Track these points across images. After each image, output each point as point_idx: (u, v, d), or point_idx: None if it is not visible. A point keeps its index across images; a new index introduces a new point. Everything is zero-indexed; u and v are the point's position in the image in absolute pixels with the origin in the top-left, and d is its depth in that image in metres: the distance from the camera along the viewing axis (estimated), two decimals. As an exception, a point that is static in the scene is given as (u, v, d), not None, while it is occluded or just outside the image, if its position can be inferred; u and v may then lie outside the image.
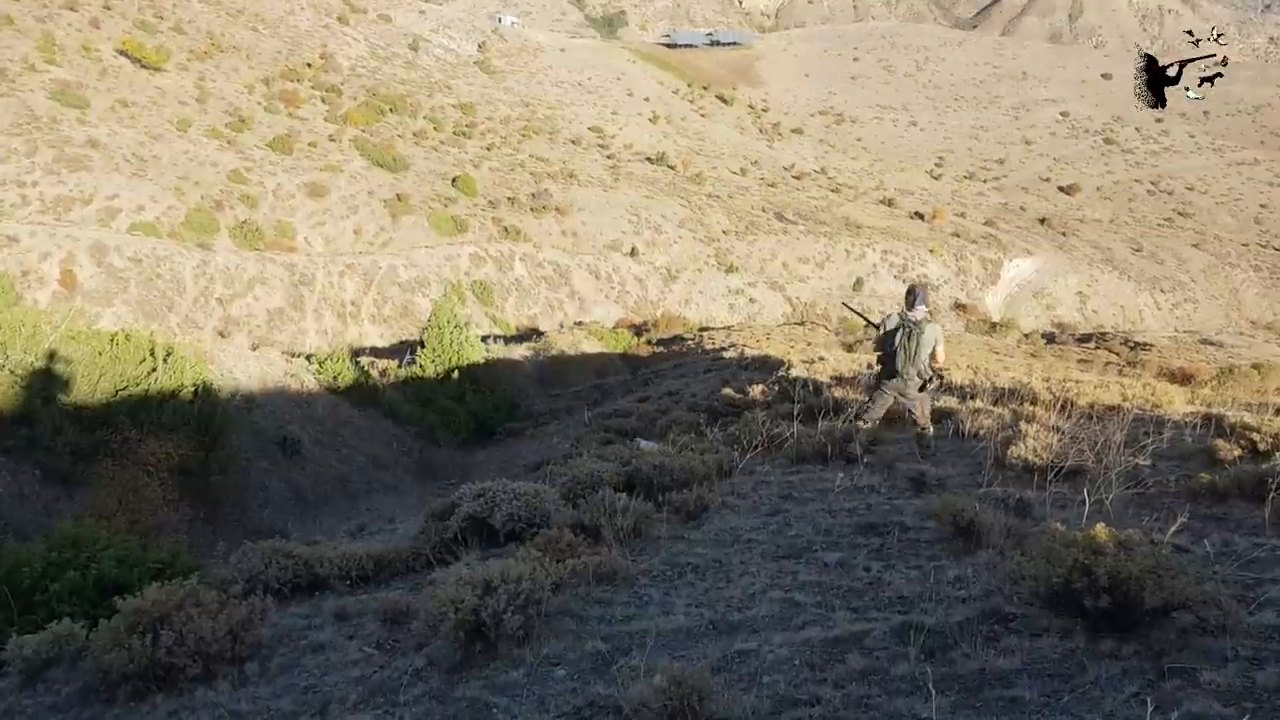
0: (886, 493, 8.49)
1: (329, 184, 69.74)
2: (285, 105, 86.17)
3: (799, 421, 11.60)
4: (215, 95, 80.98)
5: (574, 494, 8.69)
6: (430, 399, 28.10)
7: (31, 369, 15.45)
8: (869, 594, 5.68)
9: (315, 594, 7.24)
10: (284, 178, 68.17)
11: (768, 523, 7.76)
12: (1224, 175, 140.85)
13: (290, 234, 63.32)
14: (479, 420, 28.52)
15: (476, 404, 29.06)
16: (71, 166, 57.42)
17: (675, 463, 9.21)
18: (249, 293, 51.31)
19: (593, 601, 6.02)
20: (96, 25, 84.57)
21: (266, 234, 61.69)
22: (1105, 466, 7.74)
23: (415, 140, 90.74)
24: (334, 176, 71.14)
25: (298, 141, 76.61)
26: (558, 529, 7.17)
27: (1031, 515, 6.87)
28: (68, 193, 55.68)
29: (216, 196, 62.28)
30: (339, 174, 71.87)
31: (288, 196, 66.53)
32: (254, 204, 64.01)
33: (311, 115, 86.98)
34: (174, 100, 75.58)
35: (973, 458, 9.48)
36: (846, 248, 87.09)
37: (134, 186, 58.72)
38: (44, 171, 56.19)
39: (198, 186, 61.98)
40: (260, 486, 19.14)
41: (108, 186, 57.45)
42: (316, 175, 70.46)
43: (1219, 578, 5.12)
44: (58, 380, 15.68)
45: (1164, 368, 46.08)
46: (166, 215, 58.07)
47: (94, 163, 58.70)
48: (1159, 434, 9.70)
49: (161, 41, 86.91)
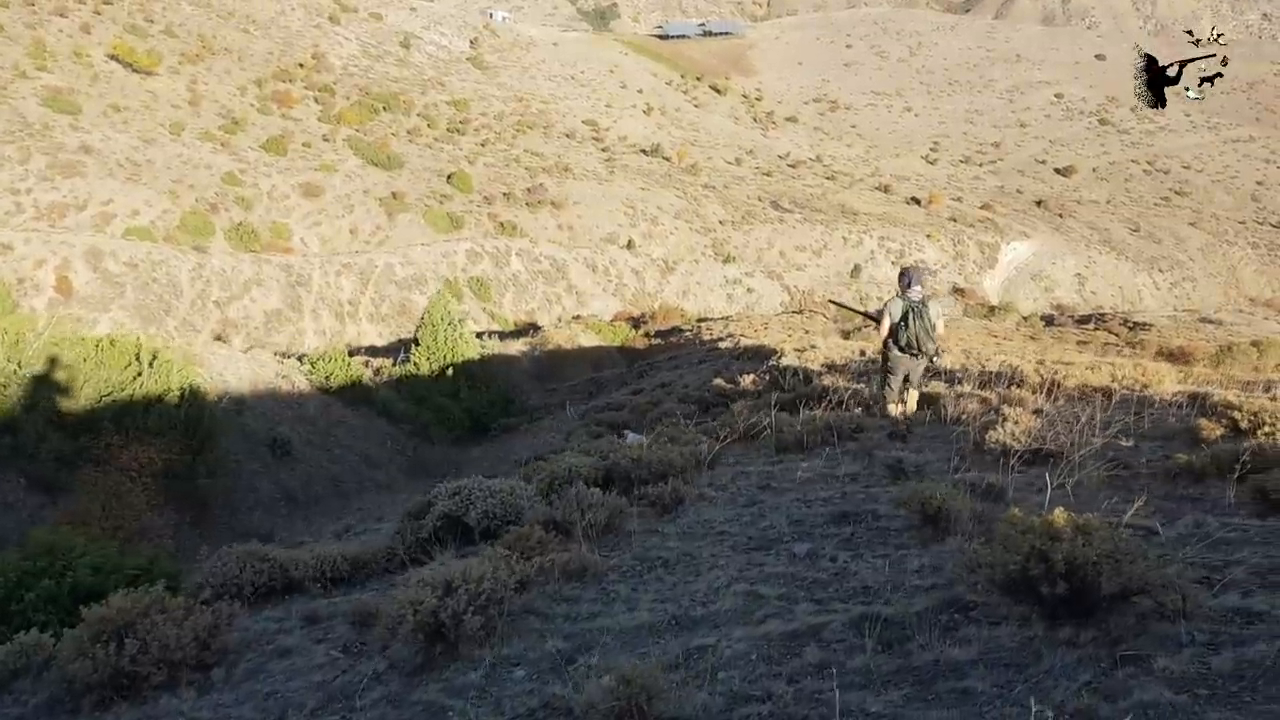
0: (864, 480, 8.41)
1: (324, 184, 69.69)
2: (278, 106, 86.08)
3: (786, 411, 11.62)
4: (208, 98, 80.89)
5: (550, 490, 8.61)
6: (425, 397, 28.02)
7: (14, 376, 15.40)
8: (833, 585, 5.61)
9: (288, 597, 7.17)
10: (278, 179, 68.10)
11: (742, 514, 7.69)
12: (1220, 153, 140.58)
13: (286, 235, 63.30)
14: (473, 417, 28.47)
15: (471, 401, 28.98)
16: (65, 173, 57.39)
17: (653, 456, 9.12)
18: (246, 294, 51.23)
19: (559, 599, 5.96)
20: (87, 30, 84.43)
21: (262, 235, 61.68)
22: (1082, 449, 7.67)
23: (409, 138, 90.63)
24: (329, 176, 71.07)
25: (291, 142, 76.55)
26: (529, 526, 7.08)
27: (1005, 500, 6.77)
28: (62, 199, 55.69)
29: (211, 199, 62.24)
30: (334, 174, 71.80)
31: (282, 197, 66.49)
32: (249, 206, 63.97)
33: (305, 115, 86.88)
34: (166, 104, 75.55)
35: (953, 443, 9.40)
36: (844, 235, 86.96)
37: (128, 191, 58.69)
38: (38, 178, 56.18)
39: (192, 190, 61.93)
40: (250, 488, 19.12)
41: (102, 192, 57.43)
42: (311, 175, 70.41)
43: (1184, 560, 5.03)
44: (42, 387, 15.63)
45: (1163, 347, 45.98)
46: (161, 219, 58.05)
47: (88, 168, 58.66)
48: (1143, 414, 9.64)
49: (153, 45, 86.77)
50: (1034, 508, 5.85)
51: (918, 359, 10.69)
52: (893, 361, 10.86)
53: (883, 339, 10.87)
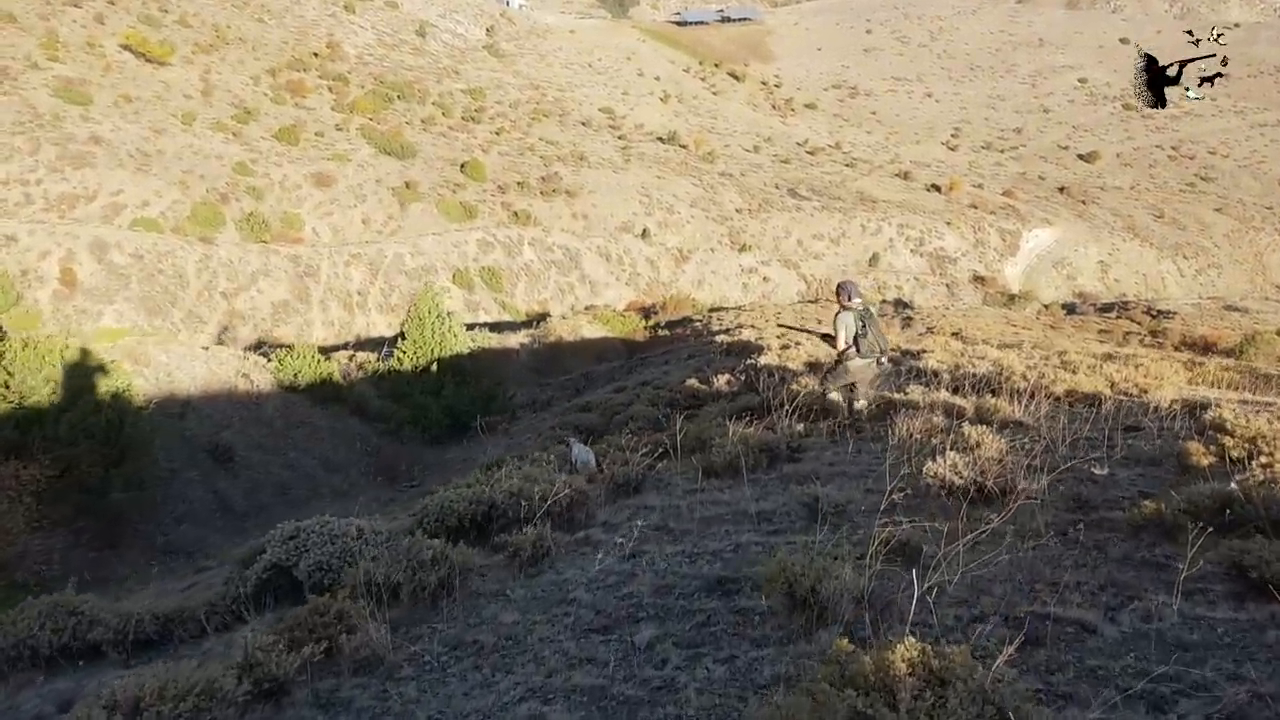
0: (774, 523, 7.43)
1: (336, 173, 69.27)
2: (291, 95, 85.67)
3: (746, 418, 10.85)
4: (220, 88, 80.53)
5: (426, 528, 7.73)
6: (405, 393, 26.92)
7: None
8: (641, 712, 4.70)
9: (82, 665, 6.23)
10: (290, 168, 67.71)
11: (611, 573, 6.74)
12: (1246, 138, 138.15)
13: (298, 225, 62.89)
14: (453, 415, 27.13)
15: (453, 398, 27.57)
16: (75, 164, 57.12)
17: (536, 489, 7.97)
18: (253, 286, 50.89)
19: (320, 706, 5.02)
20: (101, 21, 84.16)
21: (273, 225, 61.27)
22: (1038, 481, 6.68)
23: (423, 127, 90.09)
24: (341, 166, 70.64)
25: (304, 131, 76.11)
26: (338, 594, 5.98)
27: (919, 563, 5.65)
28: (71, 190, 55.39)
29: (222, 189, 61.87)
30: (346, 163, 71.37)
31: (294, 187, 66.09)
32: (260, 196, 63.58)
33: (318, 105, 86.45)
34: (179, 94, 75.18)
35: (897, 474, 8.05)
36: (862, 223, 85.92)
37: (138, 182, 58.37)
38: (47, 169, 55.91)
39: (203, 180, 61.58)
40: (181, 499, 18.17)
41: (111, 183, 57.13)
42: (323, 165, 69.99)
43: (1118, 679, 4.02)
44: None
45: (1186, 336, 44.94)
46: (171, 210, 57.69)
47: (98, 159, 58.37)
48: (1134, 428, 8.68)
49: (166, 35, 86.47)
50: (910, 600, 4.71)
51: (879, 364, 10.90)
52: (851, 371, 11.06)
53: (842, 351, 11.04)
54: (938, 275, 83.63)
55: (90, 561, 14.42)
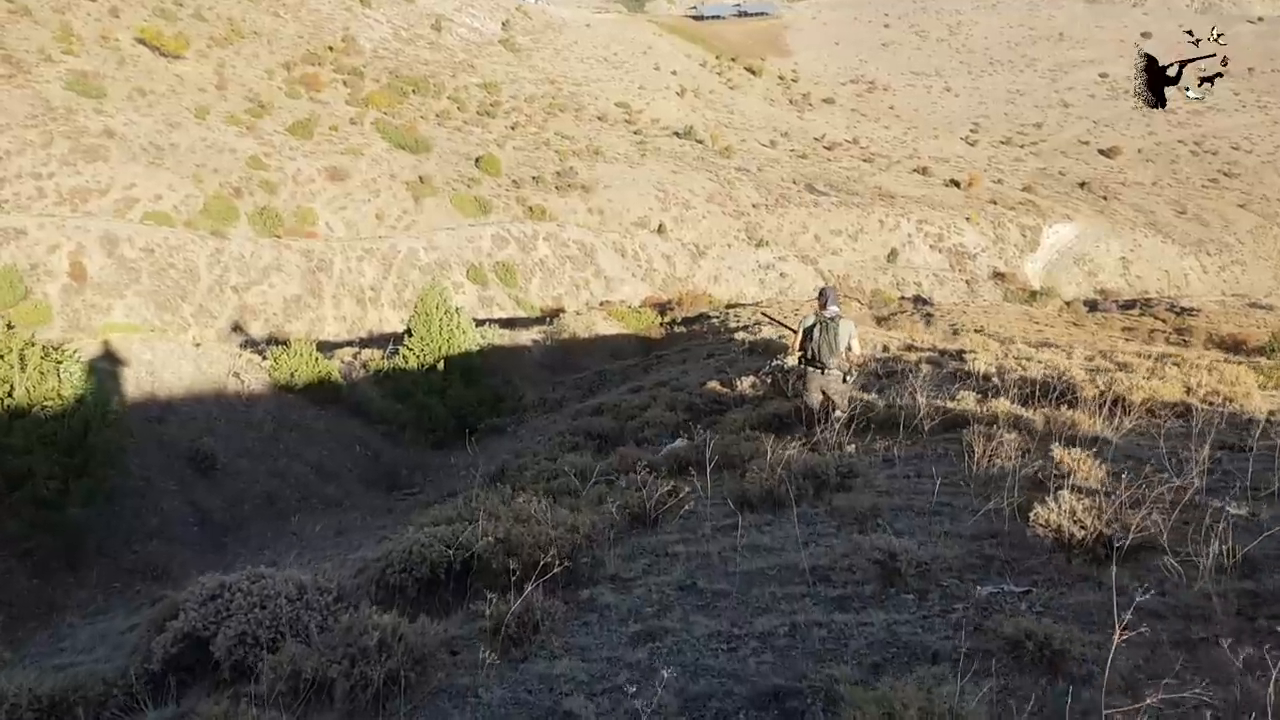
0: (838, 583, 5.78)
1: (350, 168, 68.83)
2: (306, 89, 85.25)
3: (776, 429, 10.07)
4: (235, 81, 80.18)
5: (389, 581, 6.37)
6: (409, 393, 25.95)
7: None
8: None
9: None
10: (304, 162, 67.26)
11: (620, 667, 5.04)
12: (1270, 133, 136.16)
13: (311, 219, 62.45)
14: (458, 416, 25.94)
15: (459, 398, 26.60)
16: (88, 157, 56.79)
17: (528, 536, 6.21)
18: (265, 280, 50.42)
19: None
20: (116, 14, 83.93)
21: (286, 220, 60.83)
22: (1191, 528, 5.07)
23: (438, 121, 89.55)
24: (355, 160, 70.20)
25: (318, 125, 75.67)
26: (251, 700, 4.69)
27: (1062, 671, 4.16)
28: (84, 184, 55.05)
29: (235, 183, 61.46)
30: (360, 157, 70.91)
31: (308, 181, 65.65)
32: (274, 190, 63.16)
33: (333, 99, 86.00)
34: (193, 88, 74.83)
35: (985, 514, 6.56)
36: (880, 218, 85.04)
37: (151, 175, 58.00)
38: (60, 163, 55.58)
39: (216, 174, 61.19)
40: (154, 512, 16.96)
41: (124, 176, 56.76)
42: (337, 159, 69.56)
43: None
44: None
45: (1213, 334, 44.09)
46: (185, 204, 57.30)
47: (110, 153, 58.03)
48: (1244, 448, 7.17)
49: (181, 29, 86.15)
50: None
51: (824, 375, 10.75)
52: (806, 375, 11.04)
53: (794, 350, 11.16)
54: (957, 271, 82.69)
55: (36, 587, 13.53)
